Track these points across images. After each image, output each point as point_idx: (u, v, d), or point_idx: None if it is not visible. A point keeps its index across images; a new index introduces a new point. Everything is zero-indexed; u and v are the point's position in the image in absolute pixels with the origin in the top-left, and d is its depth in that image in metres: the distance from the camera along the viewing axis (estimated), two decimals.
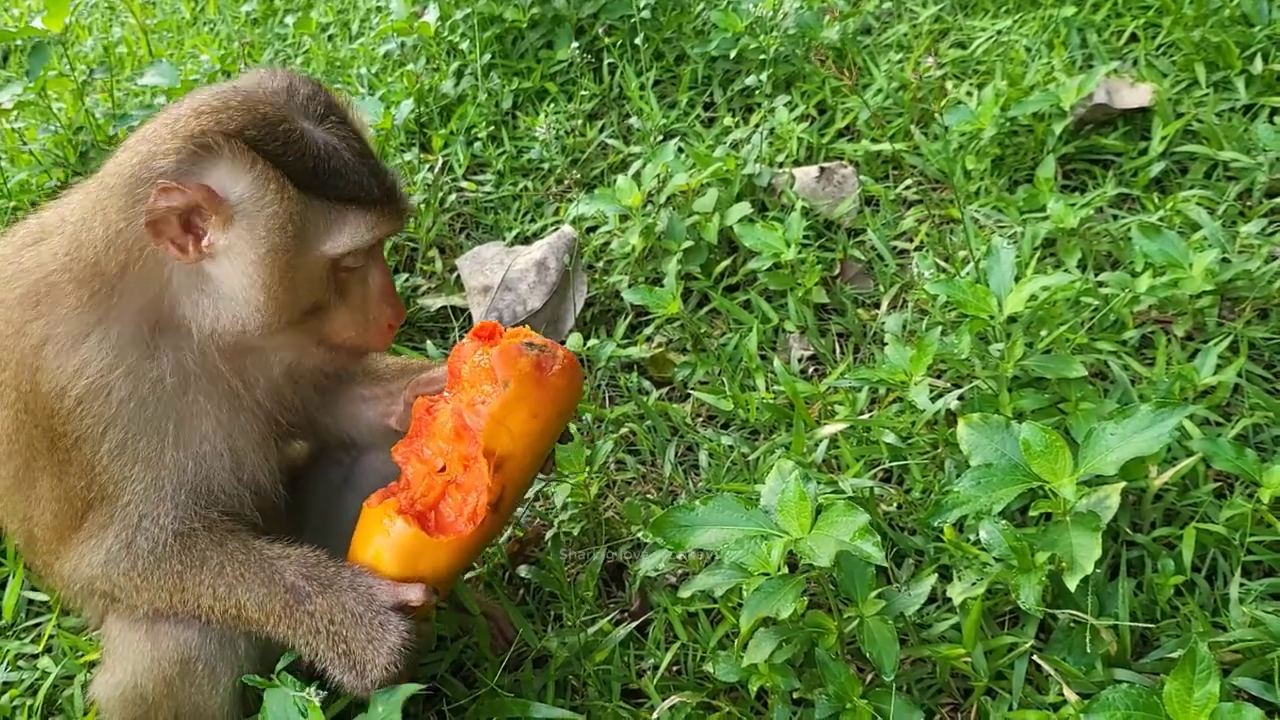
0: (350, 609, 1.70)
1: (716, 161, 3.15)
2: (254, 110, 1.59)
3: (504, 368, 1.76)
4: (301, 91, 1.65)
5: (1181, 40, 3.34)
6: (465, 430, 1.77)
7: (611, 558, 2.38)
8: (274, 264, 1.61)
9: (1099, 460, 1.86)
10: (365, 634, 1.69)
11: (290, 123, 1.60)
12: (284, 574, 1.73)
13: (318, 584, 1.72)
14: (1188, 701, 1.65)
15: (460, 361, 1.83)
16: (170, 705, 1.89)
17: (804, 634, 1.93)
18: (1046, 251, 2.85)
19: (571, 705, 2.06)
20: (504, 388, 1.75)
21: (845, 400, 2.53)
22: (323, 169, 1.60)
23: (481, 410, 1.75)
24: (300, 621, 1.72)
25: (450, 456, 1.78)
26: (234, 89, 1.64)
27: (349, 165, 1.62)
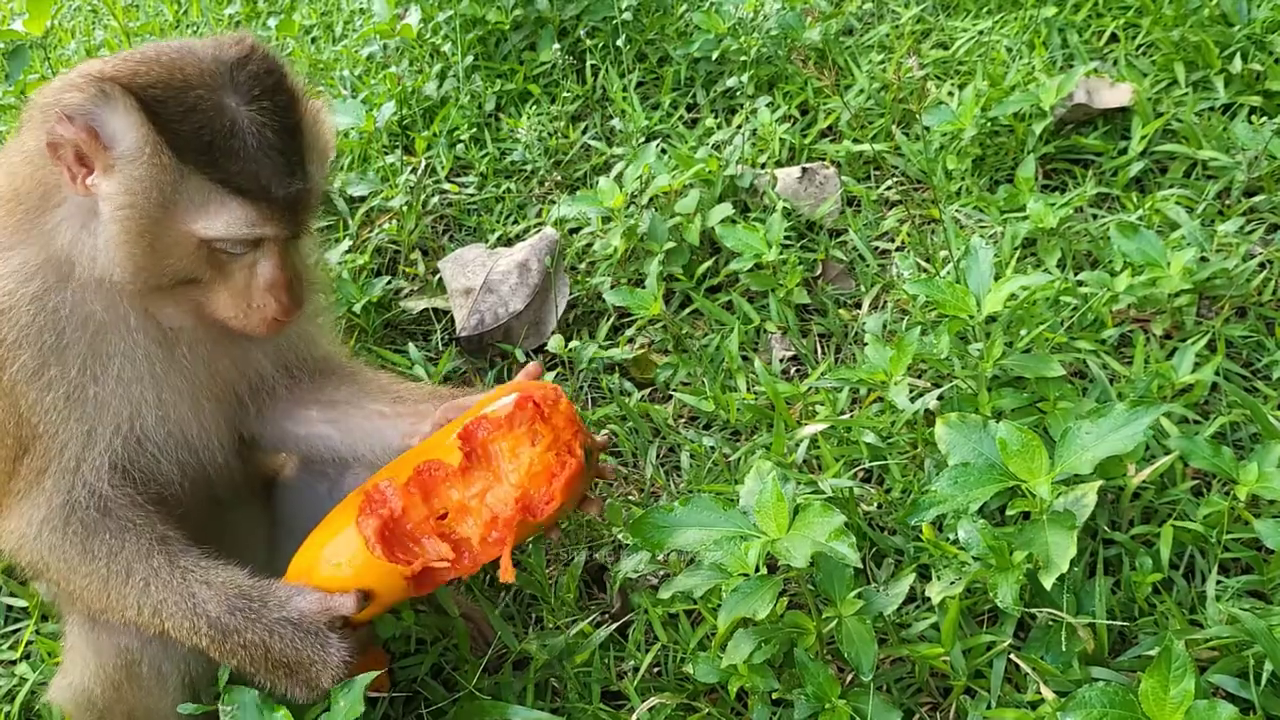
0: (285, 636, 1.68)
1: (699, 163, 3.15)
2: (172, 72, 1.54)
3: (565, 491, 1.77)
4: (251, 67, 1.57)
5: (1161, 40, 3.36)
6: (495, 516, 1.76)
7: (593, 560, 2.38)
8: (134, 223, 1.57)
9: (1075, 459, 1.87)
10: (305, 654, 1.68)
11: (205, 93, 1.52)
12: (207, 608, 1.69)
13: (243, 616, 1.69)
14: (1164, 699, 1.66)
15: (508, 428, 1.79)
16: (121, 709, 1.89)
17: (783, 634, 1.94)
18: (1027, 251, 2.86)
19: (552, 708, 2.06)
20: (553, 505, 1.76)
21: (826, 400, 2.54)
22: (216, 147, 1.52)
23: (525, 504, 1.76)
24: (233, 652, 1.70)
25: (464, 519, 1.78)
26: (179, 46, 1.60)
27: (248, 152, 1.53)
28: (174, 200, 1.56)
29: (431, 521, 1.77)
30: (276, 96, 1.57)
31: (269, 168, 1.55)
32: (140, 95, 1.51)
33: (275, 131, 1.56)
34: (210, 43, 1.62)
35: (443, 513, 1.78)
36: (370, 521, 1.73)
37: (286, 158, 1.57)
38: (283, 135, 1.57)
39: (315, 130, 1.67)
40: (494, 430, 1.79)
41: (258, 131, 1.54)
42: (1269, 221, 2.81)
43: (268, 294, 1.67)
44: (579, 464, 1.79)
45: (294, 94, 1.62)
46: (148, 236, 1.59)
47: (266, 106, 1.56)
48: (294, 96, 1.62)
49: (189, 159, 1.53)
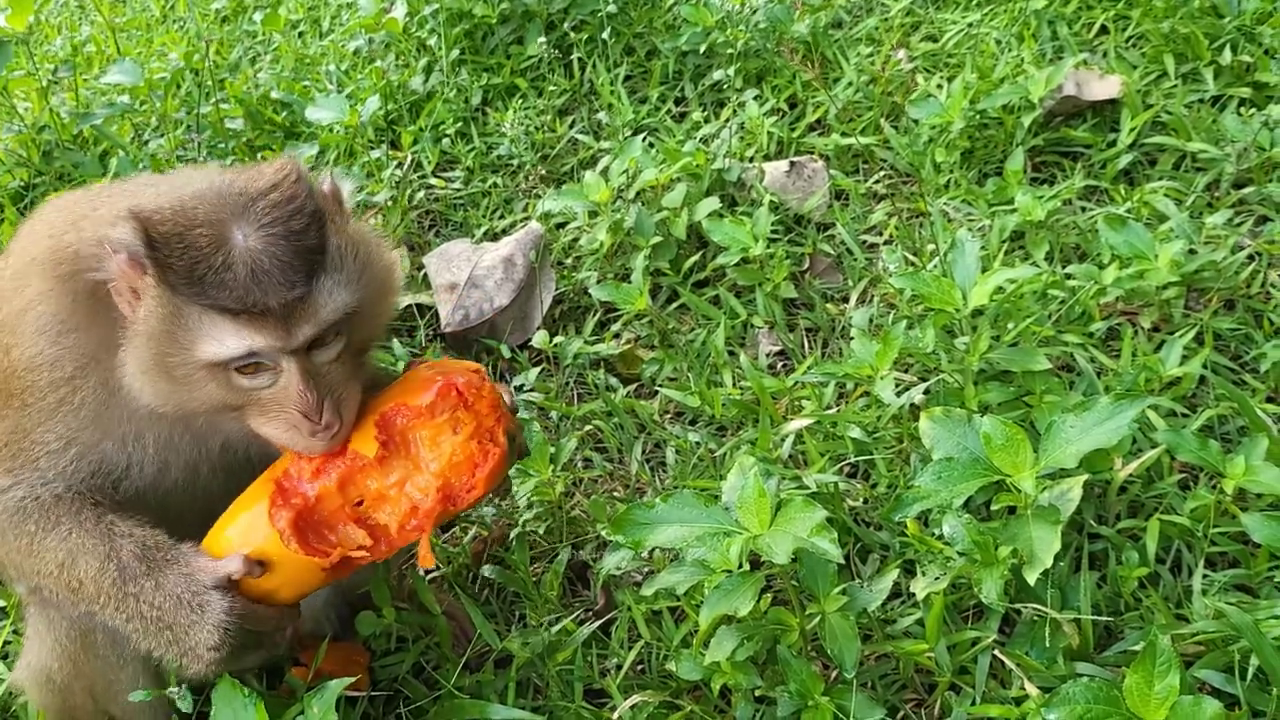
0: (170, 590, 1.66)
1: (686, 156, 3.13)
2: (185, 208, 1.59)
3: (487, 482, 1.74)
4: (274, 195, 1.61)
5: (1151, 32, 3.34)
6: (414, 506, 1.73)
7: (576, 557, 2.36)
8: (149, 350, 1.62)
9: (1059, 453, 1.85)
10: (186, 616, 1.65)
11: (207, 229, 1.57)
12: (121, 550, 1.69)
13: (147, 564, 1.68)
14: (1148, 695, 1.64)
15: (429, 415, 1.75)
16: (81, 684, 1.89)
17: (766, 631, 1.92)
18: (1015, 244, 2.84)
19: (533, 706, 2.05)
20: (474, 494, 1.73)
21: (812, 395, 2.52)
22: (208, 280, 1.55)
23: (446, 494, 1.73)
24: (126, 603, 1.68)
25: (379, 500, 1.74)
26: (219, 179, 1.64)
27: (238, 279, 1.55)
28: (175, 330, 1.59)
29: (347, 509, 1.72)
30: (291, 221, 1.60)
31: (260, 288, 1.56)
32: (149, 232, 1.56)
33: (279, 253, 1.58)
34: (252, 172, 1.66)
35: (359, 500, 1.74)
36: (284, 514, 1.68)
37: (286, 275, 1.58)
38: (288, 255, 1.58)
39: (348, 251, 1.67)
40: (414, 418, 1.74)
41: (256, 258, 1.57)
42: (1258, 213, 2.79)
43: (298, 418, 1.66)
44: (503, 453, 1.75)
45: (317, 219, 1.63)
46: (162, 365, 1.62)
47: (276, 231, 1.58)
48: (316, 221, 1.63)
49: (182, 290, 1.57)
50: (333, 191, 1.74)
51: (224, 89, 3.85)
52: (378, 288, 1.75)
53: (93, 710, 1.94)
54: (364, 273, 1.69)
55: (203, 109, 3.66)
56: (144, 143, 3.74)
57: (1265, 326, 2.49)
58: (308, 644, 2.12)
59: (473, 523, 2.45)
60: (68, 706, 1.94)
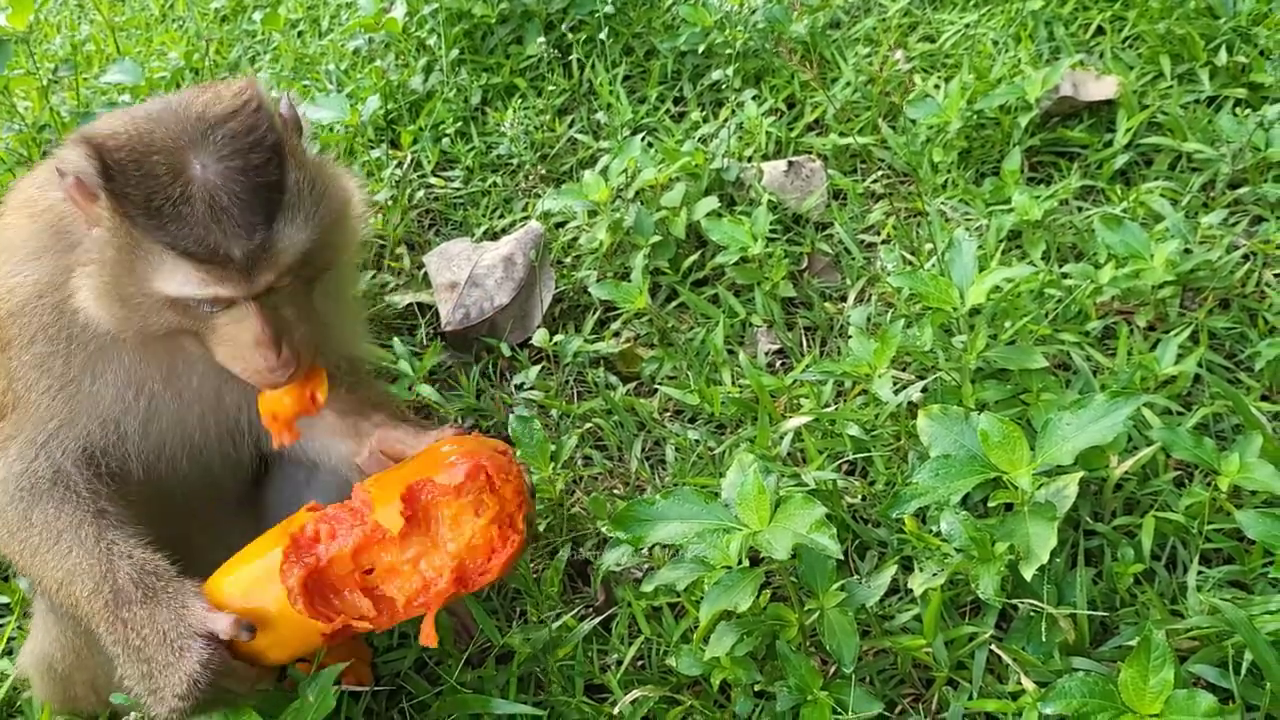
0: (160, 625, 1.64)
1: (685, 156, 3.15)
2: (142, 134, 1.55)
3: (502, 570, 1.73)
4: (233, 124, 1.56)
5: (1147, 33, 3.36)
6: (426, 584, 1.72)
7: (577, 553, 2.38)
8: (104, 280, 1.61)
9: (1055, 450, 1.87)
10: (165, 655, 1.63)
11: (165, 157, 1.53)
12: (118, 573, 1.68)
13: (142, 591, 1.67)
14: (1143, 689, 1.66)
15: (455, 495, 1.73)
16: (82, 676, 1.90)
17: (765, 627, 1.94)
18: (1012, 243, 2.86)
19: (535, 701, 2.06)
20: (486, 579, 1.74)
21: (810, 393, 2.54)
22: (165, 213, 1.52)
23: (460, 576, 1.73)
24: (115, 627, 1.67)
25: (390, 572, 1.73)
26: (175, 102, 1.61)
27: (196, 216, 1.51)
28: (133, 261, 1.57)
29: (357, 575, 1.71)
30: (251, 155, 1.55)
31: (221, 229, 1.53)
32: (105, 159, 1.53)
33: (239, 191, 1.53)
34: (210, 94, 1.62)
35: (370, 568, 1.72)
36: (296, 571, 1.67)
37: (246, 217, 1.54)
38: (248, 193, 1.54)
39: (309, 187, 1.63)
40: (439, 495, 1.73)
41: (214, 194, 1.52)
42: (1253, 213, 2.81)
43: (255, 351, 1.64)
44: (521, 540, 1.74)
45: (277, 152, 1.59)
46: (119, 292, 1.61)
47: (235, 165, 1.54)
48: (276, 154, 1.58)
49: (139, 223, 1.54)
50: (291, 118, 1.69)
51: None
52: (334, 219, 1.71)
53: (94, 702, 1.96)
54: (321, 207, 1.66)
55: None
56: None
57: (1260, 325, 2.51)
58: None
59: None
60: (69, 696, 1.96)
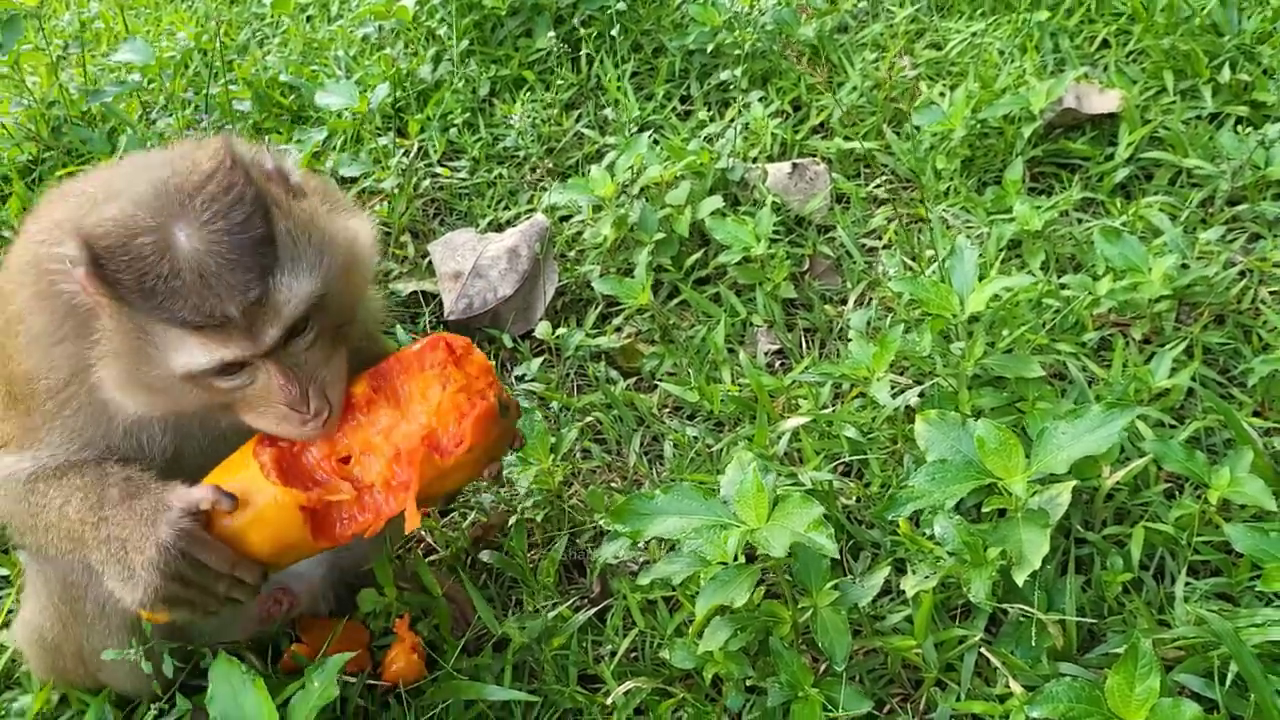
0: (138, 509, 1.63)
1: (690, 155, 3.17)
2: (124, 221, 1.52)
3: (475, 432, 1.71)
4: (210, 187, 1.53)
5: (1152, 48, 3.39)
6: (399, 453, 1.71)
7: (574, 545, 2.41)
8: (121, 367, 1.60)
9: (1050, 458, 1.90)
10: (140, 531, 1.61)
11: (149, 237, 1.50)
12: (108, 484, 1.67)
13: (126, 493, 1.66)
14: (1129, 696, 1.69)
15: (418, 367, 1.76)
16: (70, 647, 1.90)
17: (759, 623, 1.97)
18: (1012, 252, 2.89)
19: (529, 689, 2.09)
20: (462, 447, 1.70)
21: (809, 394, 2.56)
22: (159, 292, 1.50)
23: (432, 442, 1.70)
24: (100, 528, 1.65)
25: (367, 458, 1.72)
26: (149, 182, 1.55)
27: (188, 287, 1.49)
28: (142, 345, 1.56)
29: (333, 462, 1.70)
30: (233, 213, 1.52)
31: (214, 293, 1.50)
32: (93, 249, 1.51)
33: (225, 251, 1.51)
34: (188, 163, 1.58)
35: (346, 456, 1.71)
36: (267, 450, 1.67)
37: (237, 275, 1.51)
38: (235, 252, 1.51)
39: (300, 234, 1.60)
40: (403, 370, 1.74)
41: (201, 261, 1.50)
42: (1250, 230, 2.85)
43: (285, 409, 1.64)
44: (490, 406, 1.72)
45: (260, 205, 1.55)
46: (139, 380, 1.60)
47: (219, 228, 1.51)
48: (260, 208, 1.55)
49: (137, 306, 1.52)
50: (276, 170, 1.65)
51: (232, 70, 3.87)
52: (342, 264, 1.67)
53: (83, 674, 1.97)
54: (323, 253, 1.62)
55: (211, 90, 3.68)
56: (151, 121, 3.75)
57: (1254, 342, 2.55)
58: (307, 624, 2.16)
59: (471, 508, 2.49)
60: (59, 668, 1.97)
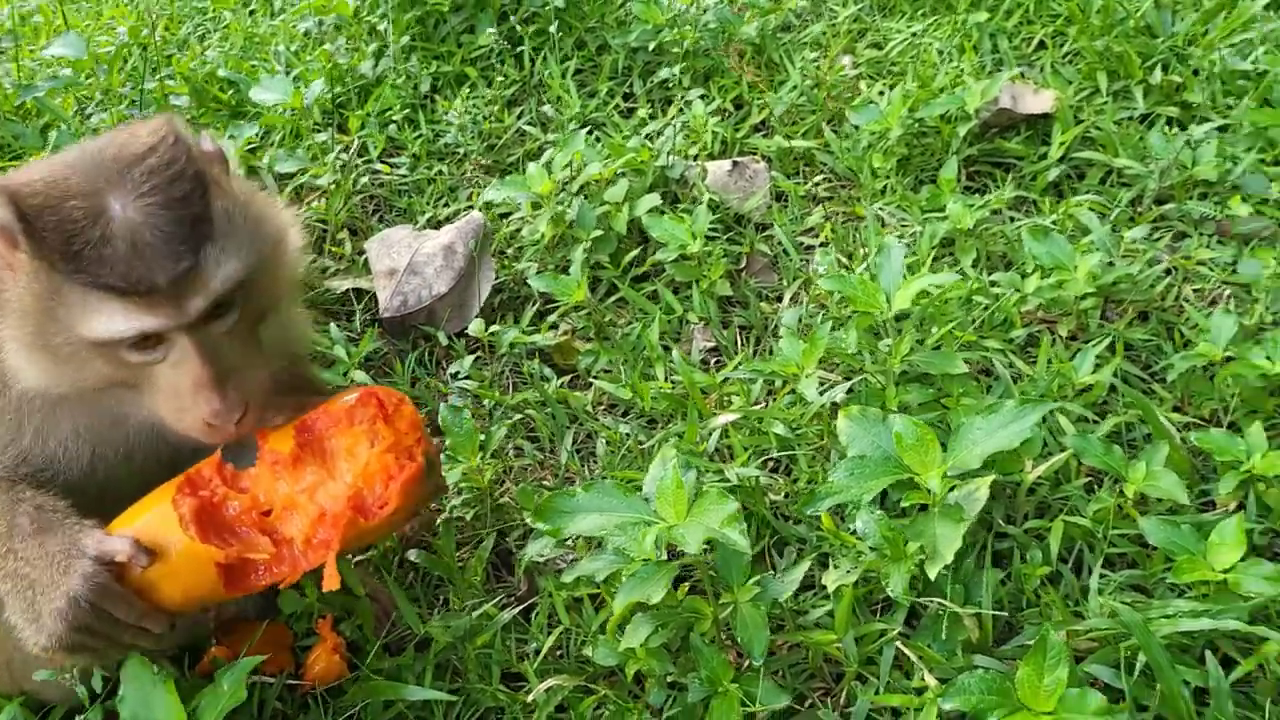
0: (48, 549, 1.60)
1: (630, 152, 3.17)
2: (57, 182, 1.53)
3: (402, 495, 1.70)
4: (151, 160, 1.54)
5: (1087, 49, 3.43)
6: (323, 513, 1.69)
7: (503, 543, 2.40)
8: (27, 328, 1.57)
9: (965, 454, 1.92)
10: (50, 575, 1.58)
11: (82, 201, 1.50)
12: (19, 512, 1.64)
13: (38, 525, 1.62)
14: (1038, 687, 1.71)
15: (348, 423, 1.73)
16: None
17: (681, 619, 1.97)
18: (945, 250, 2.91)
19: (451, 688, 2.08)
20: (387, 510, 1.70)
21: (741, 391, 2.57)
22: (86, 255, 1.49)
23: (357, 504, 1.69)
24: (6, 560, 1.62)
25: (289, 515, 1.70)
26: (91, 149, 1.58)
27: (119, 252, 1.49)
28: (55, 306, 1.54)
29: (254, 515, 1.69)
30: (173, 186, 1.54)
31: (146, 260, 1.50)
32: (19, 205, 1.51)
33: (162, 224, 1.51)
34: (126, 135, 1.60)
35: (268, 509, 1.70)
36: (187, 501, 1.64)
37: (171, 246, 1.51)
38: (171, 225, 1.52)
39: (235, 214, 1.61)
40: (332, 424, 1.72)
41: (136, 230, 1.50)
42: (1177, 229, 2.89)
43: (195, 394, 1.60)
44: (418, 468, 1.72)
45: (199, 182, 1.57)
46: (44, 343, 1.57)
47: (155, 200, 1.52)
48: (199, 186, 1.56)
49: (59, 267, 1.51)
50: (213, 152, 1.66)
51: (171, 65, 3.82)
52: (271, 251, 1.69)
53: (7, 682, 1.94)
54: (254, 237, 1.63)
55: (148, 85, 3.63)
56: (86, 116, 3.70)
57: (1176, 339, 2.59)
58: (229, 627, 2.14)
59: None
60: None
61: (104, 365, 1.60)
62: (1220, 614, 1.88)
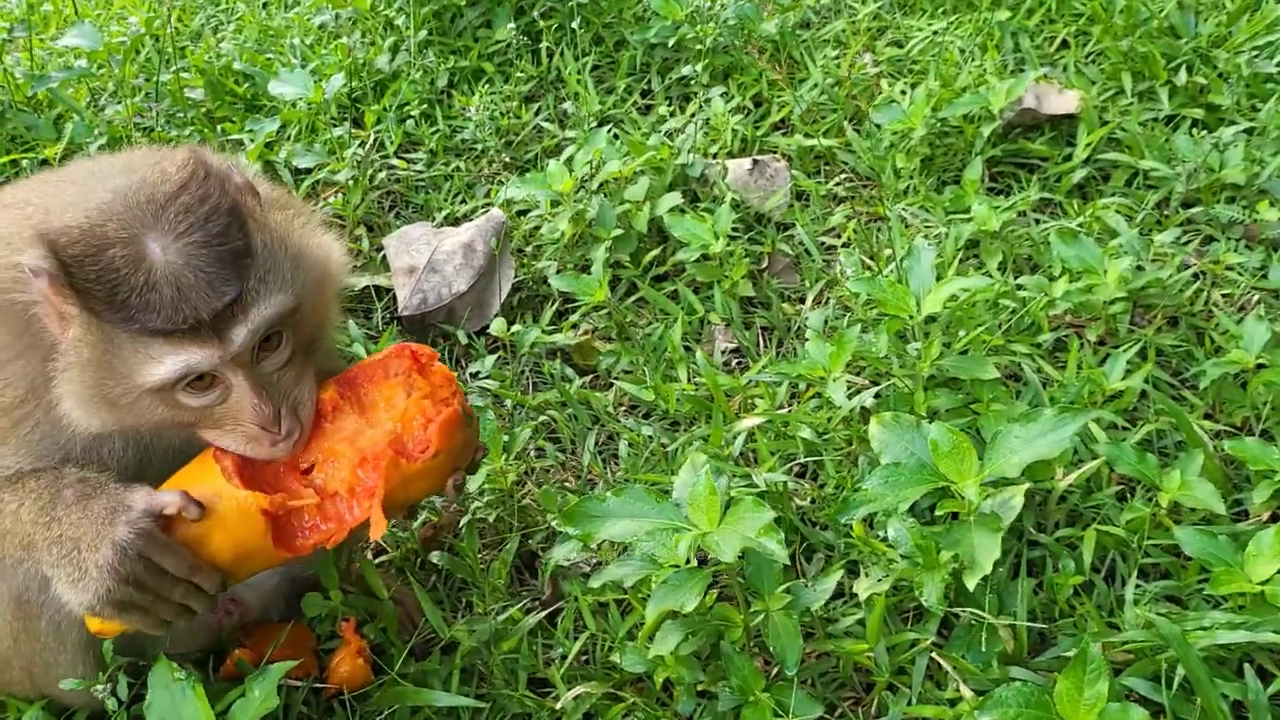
0: (92, 510, 1.58)
1: (650, 150, 3.14)
2: (93, 228, 1.50)
3: (440, 438, 1.69)
4: (184, 198, 1.53)
5: (1110, 49, 3.40)
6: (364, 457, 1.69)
7: (526, 546, 2.37)
8: (85, 381, 1.56)
9: (1003, 462, 1.90)
10: (95, 530, 1.56)
11: (121, 249, 1.49)
12: (63, 485, 1.62)
13: (80, 493, 1.61)
14: (1078, 700, 1.69)
15: (383, 374, 1.75)
16: (20, 661, 1.85)
17: (710, 627, 1.95)
18: (969, 252, 2.89)
19: (478, 693, 2.05)
20: (428, 453, 1.69)
21: (765, 394, 2.55)
22: (133, 305, 1.49)
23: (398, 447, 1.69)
24: (51, 528, 1.60)
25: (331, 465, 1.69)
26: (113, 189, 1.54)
27: (165, 297, 1.49)
28: (109, 358, 1.53)
29: (296, 471, 1.69)
30: (209, 224, 1.53)
31: (190, 299, 1.50)
32: (62, 258, 1.49)
33: (203, 264, 1.51)
34: (156, 174, 1.56)
35: (308, 467, 1.69)
36: (228, 455, 1.64)
37: (213, 280, 1.51)
38: (213, 263, 1.52)
39: (275, 246, 1.60)
40: (368, 378, 1.73)
41: (179, 274, 1.50)
42: (1204, 233, 2.87)
43: (257, 429, 1.61)
44: (455, 411, 1.71)
45: (236, 217, 1.56)
46: (103, 395, 1.56)
47: (195, 239, 1.51)
48: (236, 220, 1.56)
49: (107, 318, 1.50)
50: (244, 183, 1.64)
51: (185, 57, 3.78)
52: (315, 280, 1.68)
53: (29, 688, 1.92)
54: (297, 267, 1.63)
55: (162, 77, 3.59)
56: (100, 108, 3.66)
57: (1206, 344, 2.57)
58: (251, 629, 2.12)
59: (423, 508, 2.45)
60: (3, 681, 1.92)
61: (164, 410, 1.59)
62: (1258, 626, 1.86)
